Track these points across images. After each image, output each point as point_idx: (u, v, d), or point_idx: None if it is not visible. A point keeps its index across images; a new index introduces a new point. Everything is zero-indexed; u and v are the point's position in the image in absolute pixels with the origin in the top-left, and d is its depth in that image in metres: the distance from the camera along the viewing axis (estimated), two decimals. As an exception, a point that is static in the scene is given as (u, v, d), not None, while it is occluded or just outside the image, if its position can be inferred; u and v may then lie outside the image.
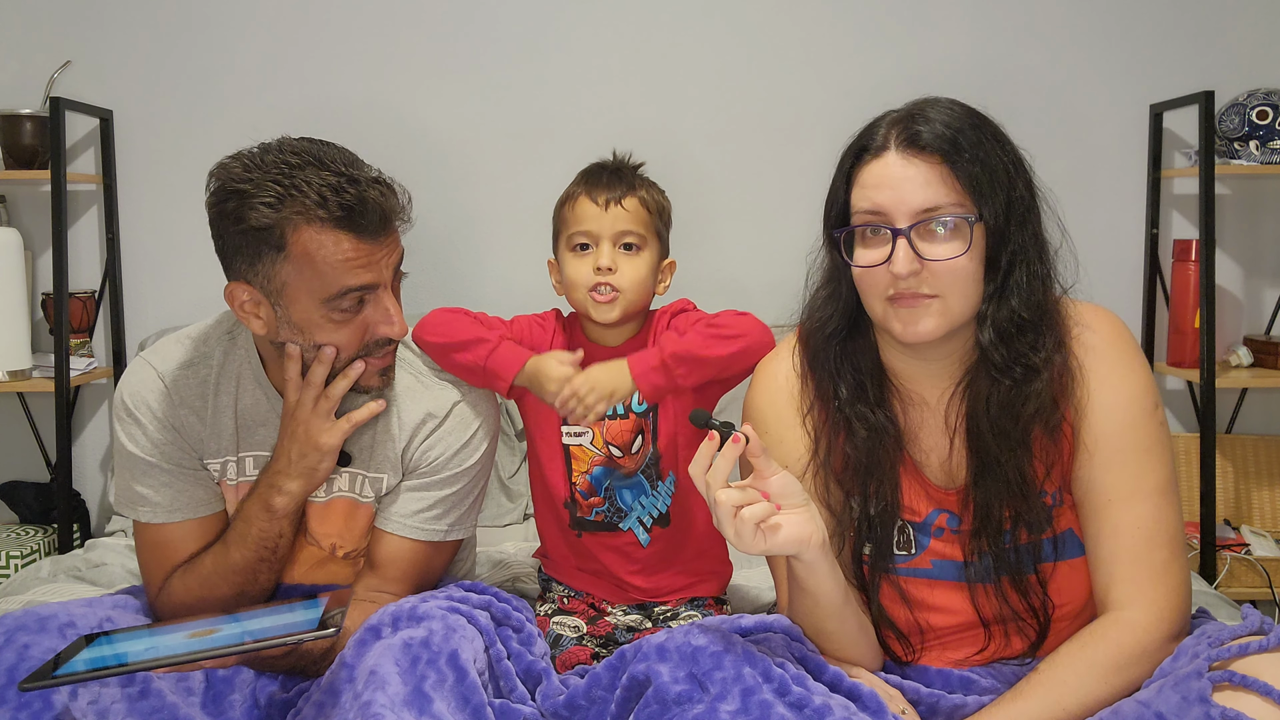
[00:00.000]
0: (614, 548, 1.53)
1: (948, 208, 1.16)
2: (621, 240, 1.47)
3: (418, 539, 1.44)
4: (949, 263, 1.16)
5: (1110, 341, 1.24)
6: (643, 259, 1.48)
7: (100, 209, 2.50)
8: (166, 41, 2.46)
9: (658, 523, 1.51)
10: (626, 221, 1.47)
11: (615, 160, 1.54)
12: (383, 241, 1.32)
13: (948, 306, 1.18)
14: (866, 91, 2.48)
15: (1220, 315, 2.50)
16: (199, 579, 1.38)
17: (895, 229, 1.17)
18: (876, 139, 1.20)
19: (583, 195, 1.49)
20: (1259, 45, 2.50)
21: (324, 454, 1.36)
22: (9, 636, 1.18)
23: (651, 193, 1.51)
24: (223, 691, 1.29)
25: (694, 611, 1.54)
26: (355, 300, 1.32)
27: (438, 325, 1.47)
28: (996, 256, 1.18)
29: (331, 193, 1.26)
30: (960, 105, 1.22)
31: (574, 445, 1.52)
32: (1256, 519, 2.52)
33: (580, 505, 1.52)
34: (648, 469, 1.51)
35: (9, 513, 2.54)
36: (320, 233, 1.27)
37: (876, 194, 1.18)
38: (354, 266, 1.29)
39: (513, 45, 2.48)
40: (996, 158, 1.18)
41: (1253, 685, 1.03)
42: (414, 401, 1.45)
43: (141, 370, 1.44)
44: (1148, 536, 1.20)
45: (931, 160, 1.16)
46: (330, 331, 1.33)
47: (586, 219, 1.47)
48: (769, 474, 1.13)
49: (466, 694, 1.18)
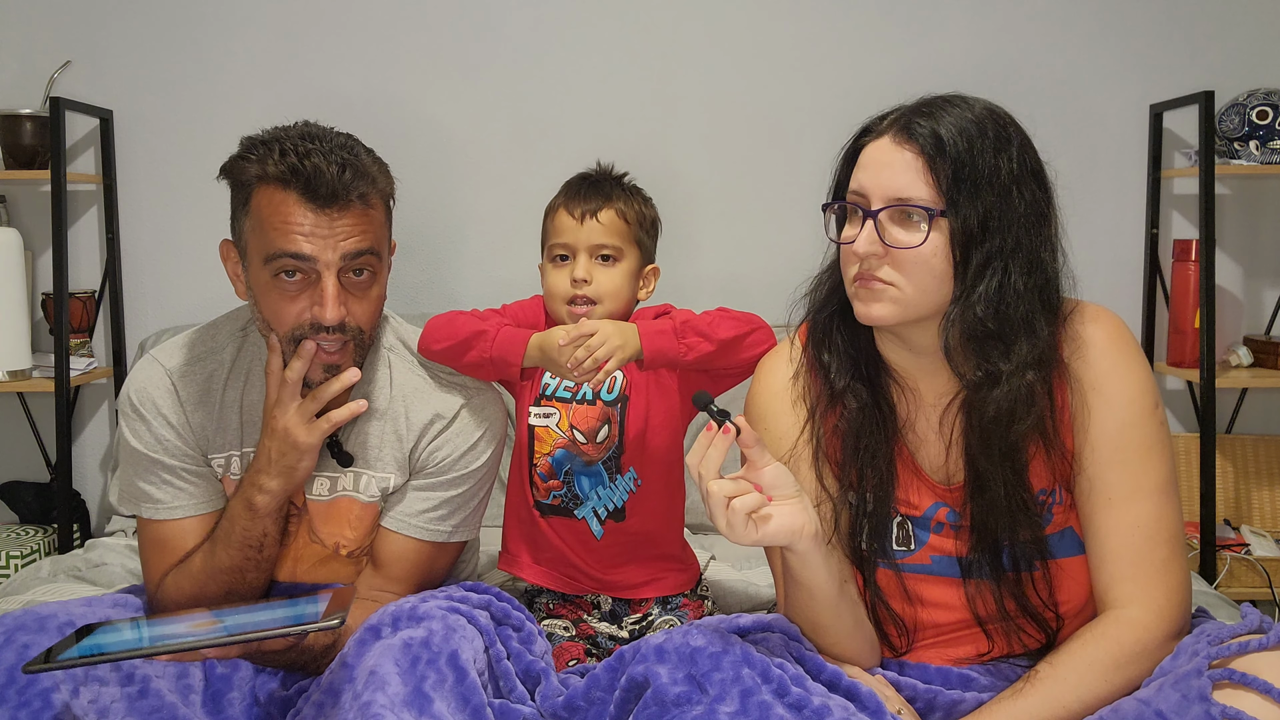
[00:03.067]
0: (571, 535, 1.53)
1: (916, 199, 1.17)
2: (598, 252, 1.50)
3: (422, 539, 1.44)
4: (907, 251, 1.17)
5: (1110, 341, 1.24)
6: (619, 269, 1.51)
7: (100, 209, 2.50)
8: (166, 41, 2.47)
9: (612, 516, 1.52)
10: (601, 235, 1.50)
11: (597, 171, 1.57)
12: (333, 217, 1.30)
13: (902, 296, 1.19)
14: (864, 92, 2.47)
15: (1220, 315, 2.50)
16: (190, 578, 1.38)
17: (867, 210, 1.19)
18: (881, 123, 1.23)
19: (561, 208, 1.53)
20: (1259, 45, 2.50)
21: (302, 453, 1.34)
22: (9, 636, 1.18)
23: (631, 203, 1.53)
24: (222, 690, 1.29)
25: (670, 616, 1.55)
26: (291, 270, 1.31)
27: (436, 331, 1.47)
28: (966, 259, 1.18)
29: (289, 155, 1.29)
30: (981, 108, 1.21)
31: (540, 426, 1.53)
32: (1256, 519, 2.52)
33: (538, 487, 1.53)
34: (609, 460, 1.51)
35: (9, 513, 2.54)
36: (272, 191, 1.30)
37: (862, 174, 1.21)
38: (292, 231, 1.29)
39: (514, 44, 2.48)
40: (993, 165, 1.17)
41: (1252, 683, 1.03)
42: (422, 402, 1.46)
43: (149, 367, 1.45)
44: (1148, 535, 1.20)
45: (913, 149, 1.18)
46: (273, 301, 1.33)
47: (564, 231, 1.51)
48: (762, 465, 1.13)
49: (466, 694, 1.18)
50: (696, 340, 1.41)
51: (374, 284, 1.37)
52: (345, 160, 1.30)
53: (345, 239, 1.31)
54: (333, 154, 1.30)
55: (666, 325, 1.43)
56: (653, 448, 1.52)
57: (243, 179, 1.33)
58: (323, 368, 1.35)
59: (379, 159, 1.39)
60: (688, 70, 2.50)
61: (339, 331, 1.33)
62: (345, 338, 1.35)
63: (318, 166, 1.28)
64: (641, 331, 1.41)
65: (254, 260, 1.34)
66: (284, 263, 1.30)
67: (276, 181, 1.29)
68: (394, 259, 1.47)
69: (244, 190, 1.33)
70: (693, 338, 1.41)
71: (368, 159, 1.35)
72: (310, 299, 1.32)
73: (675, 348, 1.41)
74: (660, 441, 1.52)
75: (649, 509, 1.53)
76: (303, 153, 1.29)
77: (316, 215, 1.29)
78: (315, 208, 1.29)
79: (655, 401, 1.51)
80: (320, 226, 1.30)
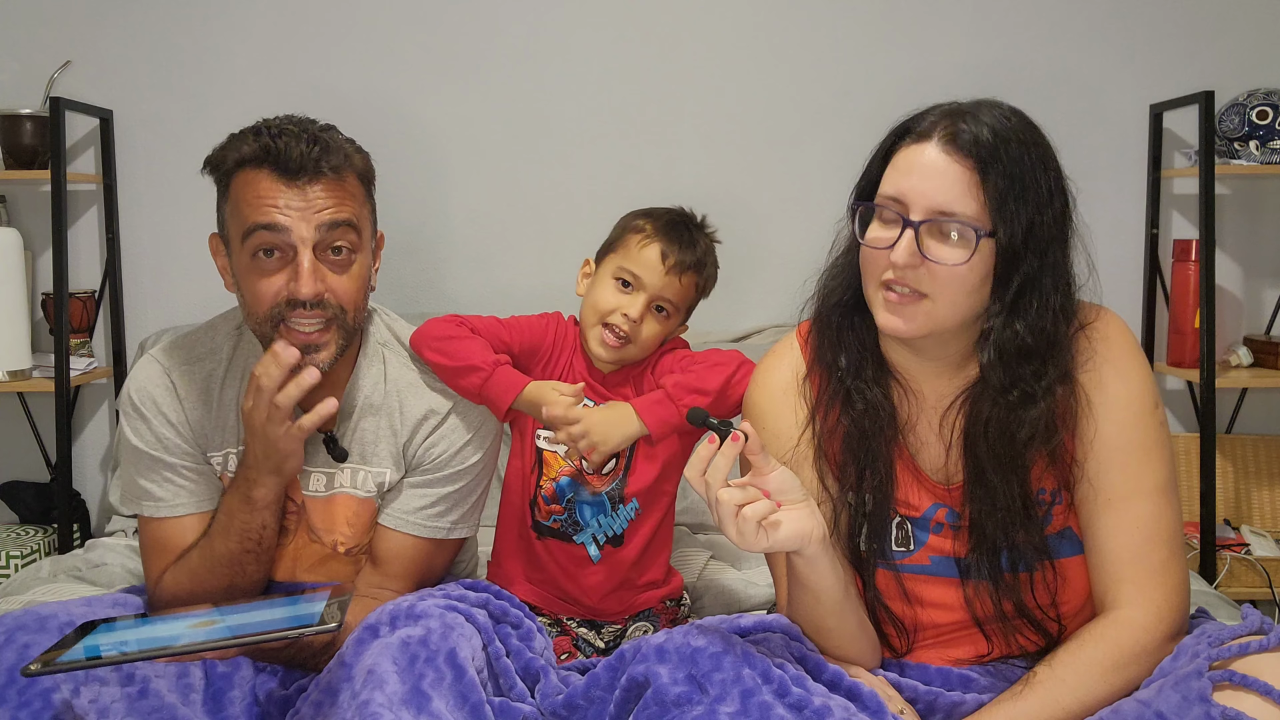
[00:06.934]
0: (566, 558, 1.53)
1: (962, 216, 1.14)
2: (659, 302, 1.48)
3: (420, 535, 1.44)
4: (948, 268, 1.15)
5: (1111, 341, 1.24)
6: (666, 326, 1.50)
7: (100, 209, 2.50)
8: (166, 41, 2.46)
9: (610, 542, 1.52)
10: (675, 292, 1.48)
11: (700, 220, 1.54)
12: (305, 189, 1.31)
13: (934, 310, 1.17)
14: (865, 93, 2.49)
15: (1220, 315, 2.50)
16: (188, 573, 1.38)
17: (907, 219, 1.16)
18: (923, 125, 1.19)
19: (656, 243, 1.47)
20: (1259, 45, 2.50)
21: (285, 456, 1.34)
22: (9, 636, 1.18)
23: (706, 271, 1.51)
24: (222, 689, 1.29)
25: (643, 623, 1.56)
26: (269, 248, 1.31)
27: (432, 341, 1.47)
28: (1008, 276, 1.17)
29: (262, 136, 1.32)
30: (1020, 117, 1.19)
31: (548, 450, 1.52)
32: (1256, 519, 2.52)
33: (540, 509, 1.53)
34: (612, 491, 1.52)
35: (9, 513, 2.54)
36: (246, 172, 1.32)
37: (903, 180, 1.17)
38: (265, 204, 1.30)
39: (513, 44, 2.48)
40: (1034, 179, 1.16)
41: (1253, 685, 1.03)
42: (416, 398, 1.46)
43: (149, 366, 1.46)
44: (1147, 536, 1.20)
45: (965, 164, 1.15)
46: (253, 281, 1.34)
47: (646, 267, 1.47)
48: (768, 471, 1.13)
49: (465, 692, 1.18)
50: (694, 398, 1.42)
51: (353, 261, 1.36)
52: (316, 137, 1.33)
53: (320, 210, 1.32)
54: (304, 133, 1.32)
55: (660, 395, 1.44)
56: (658, 481, 1.53)
57: (222, 168, 1.35)
58: (303, 347, 1.34)
59: (360, 148, 1.41)
60: (687, 70, 2.50)
61: (318, 308, 1.33)
62: (325, 315, 1.34)
63: (288, 144, 1.30)
64: (640, 409, 1.42)
65: (235, 243, 1.35)
66: (260, 237, 1.31)
67: (250, 163, 1.32)
68: (391, 258, 1.47)
69: (224, 179, 1.35)
70: (688, 397, 1.42)
71: (344, 142, 1.37)
72: (288, 276, 1.32)
73: (675, 412, 1.42)
74: (666, 476, 1.53)
75: (646, 532, 1.54)
76: (275, 133, 1.32)
77: (289, 188, 1.31)
78: (287, 180, 1.31)
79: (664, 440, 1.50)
80: (294, 200, 1.31)
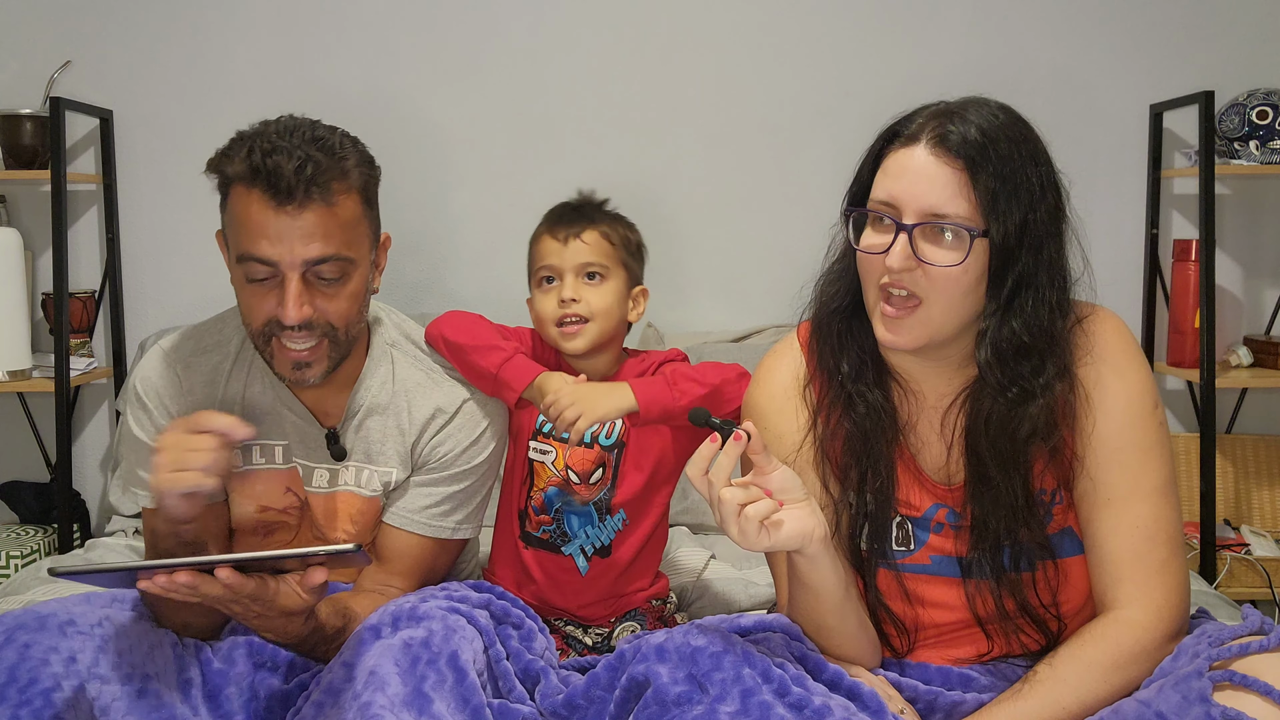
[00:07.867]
0: (555, 568, 1.53)
1: (955, 217, 1.14)
2: (584, 271, 1.51)
3: (424, 534, 1.45)
4: (942, 269, 1.15)
5: (1110, 341, 1.24)
6: (608, 287, 1.52)
7: (100, 209, 2.50)
8: (166, 41, 2.46)
9: (598, 553, 1.53)
10: (587, 254, 1.51)
11: (578, 198, 1.58)
12: (293, 216, 1.28)
13: (931, 316, 1.17)
14: (865, 92, 2.49)
15: (1220, 315, 2.50)
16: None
17: (900, 223, 1.16)
18: (911, 127, 1.19)
19: (545, 234, 1.54)
20: (1259, 45, 2.50)
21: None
22: (9, 635, 1.18)
23: (614, 226, 1.55)
24: (221, 686, 1.29)
25: (629, 623, 1.56)
26: (256, 271, 1.31)
27: (456, 324, 1.49)
28: (1002, 275, 1.17)
29: (254, 153, 1.29)
30: (1008, 114, 1.19)
31: (537, 461, 1.53)
32: (1256, 519, 2.52)
33: (530, 519, 1.54)
34: (599, 501, 1.52)
35: (9, 513, 2.54)
36: (241, 190, 1.31)
37: (894, 184, 1.17)
38: (254, 232, 1.29)
39: (515, 44, 2.48)
40: (1025, 176, 1.16)
41: (1253, 685, 1.03)
42: (424, 397, 1.46)
43: (154, 357, 1.46)
44: (1147, 536, 1.20)
45: (955, 165, 1.14)
46: (246, 297, 1.34)
47: (549, 254, 1.52)
48: (769, 470, 1.13)
49: (466, 694, 1.18)
50: (690, 385, 1.43)
51: (346, 283, 1.35)
52: (307, 156, 1.28)
53: (307, 244, 1.29)
54: (296, 150, 1.28)
55: (656, 378, 1.46)
56: (645, 493, 1.53)
57: (222, 176, 1.34)
58: (292, 365, 1.35)
59: (360, 149, 1.37)
60: (687, 70, 2.50)
61: (307, 329, 1.33)
62: (316, 334, 1.34)
63: (278, 164, 1.27)
64: (633, 385, 1.43)
65: (231, 258, 1.36)
66: (250, 266, 1.31)
67: (243, 180, 1.30)
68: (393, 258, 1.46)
69: (224, 187, 1.35)
70: (685, 384, 1.43)
71: (341, 150, 1.33)
72: (277, 298, 1.32)
73: (668, 394, 1.42)
74: (653, 487, 1.54)
75: (634, 542, 1.54)
76: (266, 150, 1.28)
77: (277, 214, 1.28)
78: (275, 206, 1.28)
79: (651, 449, 1.52)
80: (283, 228, 1.28)
